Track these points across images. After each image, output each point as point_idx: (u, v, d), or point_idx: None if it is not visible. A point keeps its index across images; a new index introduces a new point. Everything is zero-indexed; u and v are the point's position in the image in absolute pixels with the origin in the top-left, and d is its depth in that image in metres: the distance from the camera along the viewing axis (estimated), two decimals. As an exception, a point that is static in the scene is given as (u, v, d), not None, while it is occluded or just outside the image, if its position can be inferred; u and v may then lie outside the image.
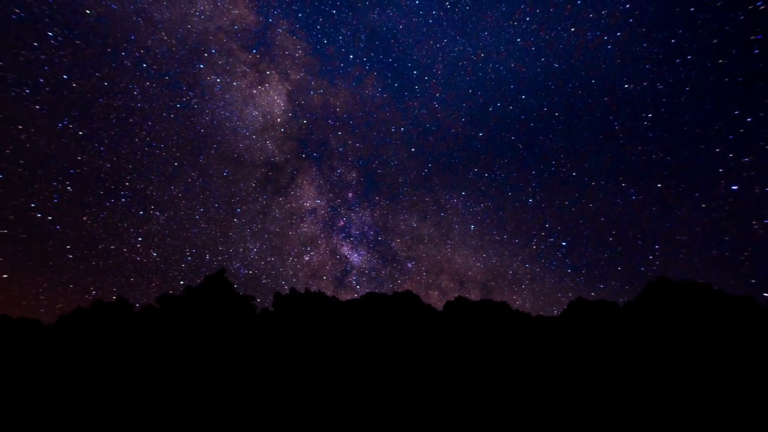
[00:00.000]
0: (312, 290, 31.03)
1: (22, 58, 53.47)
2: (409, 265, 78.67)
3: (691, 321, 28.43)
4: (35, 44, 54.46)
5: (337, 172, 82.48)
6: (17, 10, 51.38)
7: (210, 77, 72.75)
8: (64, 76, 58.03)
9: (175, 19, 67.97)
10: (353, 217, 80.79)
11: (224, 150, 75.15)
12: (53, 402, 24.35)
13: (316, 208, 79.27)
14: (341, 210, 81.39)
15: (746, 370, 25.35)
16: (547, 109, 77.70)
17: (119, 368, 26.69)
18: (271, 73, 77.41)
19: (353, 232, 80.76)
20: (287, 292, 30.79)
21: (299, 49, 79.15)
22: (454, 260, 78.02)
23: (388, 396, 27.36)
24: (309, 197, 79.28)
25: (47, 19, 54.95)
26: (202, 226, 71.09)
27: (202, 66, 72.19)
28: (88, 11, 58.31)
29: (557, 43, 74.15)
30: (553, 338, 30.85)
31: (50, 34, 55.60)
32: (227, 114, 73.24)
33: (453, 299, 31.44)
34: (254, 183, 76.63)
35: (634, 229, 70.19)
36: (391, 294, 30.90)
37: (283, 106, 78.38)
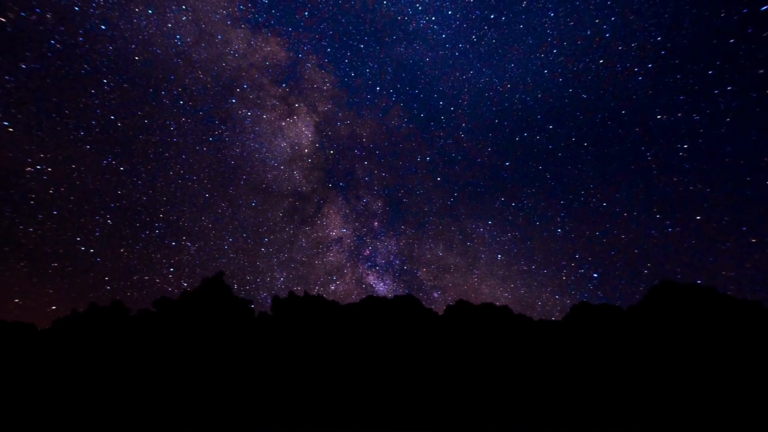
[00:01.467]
0: (311, 293, 30.56)
1: (81, 105, 58.91)
2: (435, 294, 77.56)
3: (696, 324, 28.01)
4: (93, 91, 60.31)
5: (363, 202, 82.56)
6: (86, 66, 58.97)
7: (241, 111, 75.06)
8: (112, 117, 62.81)
9: (212, 58, 71.92)
10: (379, 246, 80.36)
11: (253, 181, 76.78)
12: (50, 404, 23.87)
13: (342, 237, 79.21)
14: (367, 239, 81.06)
15: (751, 372, 24.93)
16: (575, 139, 77.25)
17: (116, 371, 26.21)
18: (299, 106, 79.31)
19: (379, 261, 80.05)
20: (286, 295, 30.32)
21: (327, 82, 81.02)
22: (481, 290, 76.62)
23: (387, 398, 26.89)
24: (335, 226, 79.42)
25: (104, 69, 60.90)
26: (231, 255, 72.21)
27: (234, 101, 74.99)
28: (137, 57, 63.47)
29: (585, 75, 74.09)
30: (555, 342, 30.40)
31: (105, 81, 61.42)
32: (257, 146, 75.45)
33: (454, 303, 30.96)
34: (282, 213, 77.54)
35: (672, 263, 68.30)
36: (391, 297, 30.43)
37: (311, 137, 79.91)
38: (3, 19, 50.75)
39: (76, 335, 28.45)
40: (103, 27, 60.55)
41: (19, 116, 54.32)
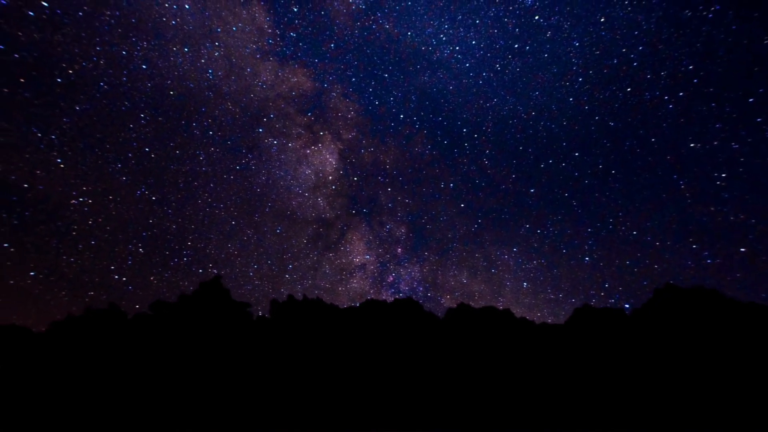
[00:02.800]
0: (310, 297, 30.18)
1: (120, 139, 62.30)
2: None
3: (700, 328, 27.59)
4: (131, 126, 63.63)
5: (387, 228, 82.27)
6: (127, 103, 62.19)
7: (268, 140, 77.32)
8: (146, 149, 65.64)
9: (241, 90, 74.65)
10: (402, 273, 79.89)
11: (278, 208, 77.82)
12: (46, 408, 23.43)
13: (365, 264, 79.25)
14: (390, 265, 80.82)
15: (755, 376, 24.49)
16: (602, 167, 75.99)
17: (112, 375, 25.78)
18: (324, 134, 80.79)
19: (402, 287, 79.37)
20: (285, 298, 29.93)
21: (351, 110, 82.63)
22: (504, 317, 76.84)
23: (387, 401, 26.43)
24: (358, 253, 79.60)
25: (142, 104, 64.15)
26: (256, 282, 73.20)
27: (261, 130, 77.40)
28: (171, 92, 66.92)
29: (612, 103, 73.38)
30: (557, 345, 29.96)
31: (142, 115, 64.62)
32: (282, 173, 77.04)
33: (455, 306, 30.54)
34: (306, 239, 78.03)
35: (708, 292, 67.56)
36: (391, 301, 30.04)
37: (335, 164, 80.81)
38: (70, 71, 55.90)
39: (72, 339, 28.04)
40: (144, 67, 64.32)
41: (69, 153, 57.79)
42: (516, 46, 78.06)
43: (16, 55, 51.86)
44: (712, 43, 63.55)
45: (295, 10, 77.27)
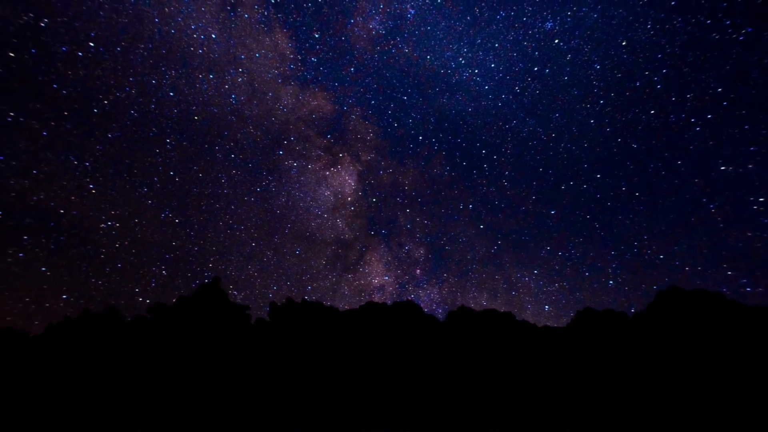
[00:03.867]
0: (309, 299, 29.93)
1: (147, 164, 65.15)
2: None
3: (704, 331, 27.29)
4: (157, 151, 66.63)
5: (405, 249, 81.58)
6: (154, 129, 65.58)
7: (288, 162, 78.59)
8: (171, 173, 67.94)
9: (262, 114, 76.58)
10: (421, 294, 79.38)
11: (297, 229, 78.49)
12: (42, 412, 23.22)
13: (384, 285, 78.89)
14: (409, 287, 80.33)
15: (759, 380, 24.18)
16: (625, 189, 73.46)
17: (109, 379, 25.57)
18: (343, 156, 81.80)
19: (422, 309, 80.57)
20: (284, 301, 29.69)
21: (371, 132, 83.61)
22: (524, 338, 76.84)
23: (386, 405, 26.19)
24: (377, 274, 79.31)
25: (168, 130, 67.49)
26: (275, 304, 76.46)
27: (281, 152, 78.76)
28: (196, 117, 69.76)
29: (635, 125, 72.22)
30: (559, 348, 29.68)
31: (168, 140, 67.79)
32: (301, 195, 77.98)
33: (456, 309, 30.27)
34: (324, 260, 78.12)
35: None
36: (391, 304, 29.76)
37: (354, 185, 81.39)
38: (106, 102, 59.87)
39: (68, 342, 27.83)
40: (171, 94, 67.92)
41: (101, 179, 60.92)
42: (535, 68, 77.81)
43: (65, 92, 56.75)
44: (744, 65, 61.83)
45: (317, 36, 79.29)
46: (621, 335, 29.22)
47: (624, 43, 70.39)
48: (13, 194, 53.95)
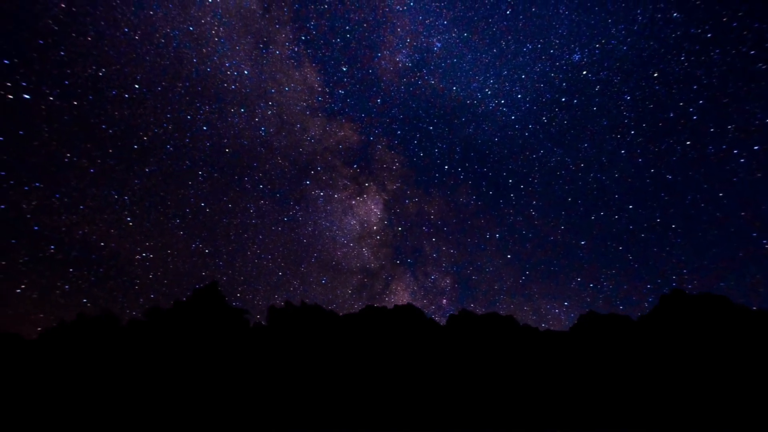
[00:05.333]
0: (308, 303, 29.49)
1: (180, 196, 67.49)
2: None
3: (708, 335, 26.89)
4: (189, 183, 68.77)
5: (431, 279, 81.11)
6: (188, 162, 67.57)
7: (314, 191, 79.70)
8: (202, 204, 70.10)
9: (290, 145, 78.82)
10: None
11: (324, 258, 78.87)
12: (37, 415, 22.72)
13: None
14: (436, 317, 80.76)
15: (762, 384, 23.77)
16: (660, 221, 71.28)
17: (105, 384, 25.08)
18: (369, 185, 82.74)
19: None
20: (282, 305, 29.25)
21: (396, 161, 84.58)
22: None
23: (386, 409, 25.72)
24: (403, 303, 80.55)
25: (201, 162, 69.53)
26: None
27: (308, 182, 79.97)
28: (227, 150, 71.86)
29: (669, 156, 70.03)
30: (562, 352, 29.25)
31: (200, 173, 69.66)
32: (328, 224, 78.45)
33: (457, 313, 29.85)
34: (350, 290, 78.33)
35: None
36: (391, 307, 29.35)
37: (380, 214, 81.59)
38: (145, 137, 62.61)
39: (64, 346, 27.34)
40: (204, 128, 70.53)
41: (137, 211, 62.78)
42: (563, 99, 76.96)
43: (111, 131, 60.54)
44: (793, 94, 59.39)
45: (344, 69, 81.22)
46: (624, 338, 28.82)
47: (656, 75, 68.75)
48: (64, 229, 56.42)
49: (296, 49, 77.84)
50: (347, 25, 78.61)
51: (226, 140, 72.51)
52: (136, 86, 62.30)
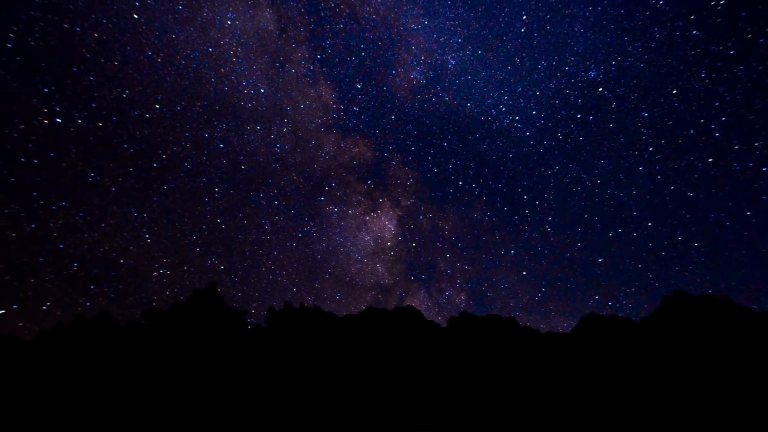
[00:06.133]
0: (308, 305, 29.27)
1: (196, 212, 68.37)
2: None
3: (711, 337, 26.63)
4: (206, 199, 69.55)
5: (446, 295, 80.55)
6: (204, 179, 68.41)
7: (329, 207, 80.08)
8: (218, 220, 70.72)
9: (305, 161, 79.86)
10: None
11: (338, 274, 78.78)
12: (34, 416, 22.46)
13: None
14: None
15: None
16: (682, 239, 69.65)
17: (103, 385, 24.83)
18: (383, 201, 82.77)
19: None
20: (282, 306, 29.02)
21: (410, 177, 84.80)
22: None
23: (386, 413, 25.42)
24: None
25: (217, 179, 70.56)
26: None
27: (322, 198, 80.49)
28: (243, 167, 72.88)
29: (689, 173, 68.67)
30: (564, 354, 28.98)
31: (216, 190, 70.81)
32: (342, 240, 78.57)
33: (458, 316, 29.60)
34: (364, 306, 79.45)
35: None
36: (392, 309, 29.10)
37: (394, 230, 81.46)
38: (164, 156, 63.83)
39: (61, 348, 27.11)
40: (221, 146, 71.53)
41: (156, 228, 64.05)
42: (579, 116, 76.64)
43: (132, 150, 62.27)
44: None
45: (359, 86, 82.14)
46: (626, 341, 28.56)
47: (674, 92, 67.62)
48: (86, 246, 57.93)
49: (312, 68, 79.24)
50: (362, 44, 79.54)
51: (242, 157, 73.79)
52: (157, 106, 64.37)
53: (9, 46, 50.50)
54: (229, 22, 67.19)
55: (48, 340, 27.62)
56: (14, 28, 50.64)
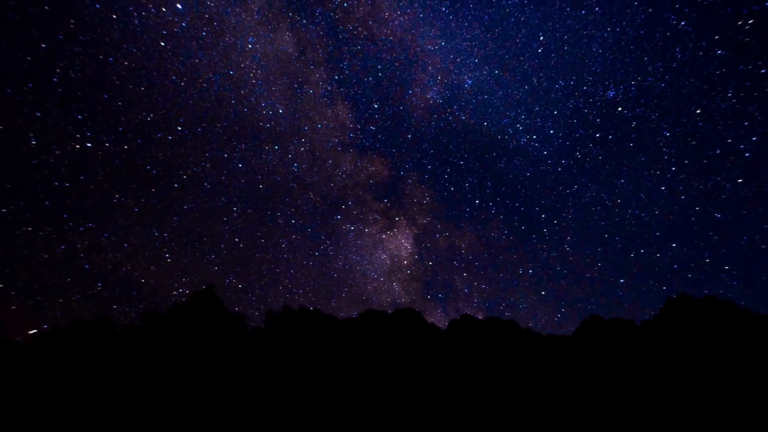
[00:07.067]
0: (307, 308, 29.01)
1: (215, 232, 69.59)
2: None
3: (715, 340, 26.42)
4: (224, 219, 70.87)
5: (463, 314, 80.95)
6: (223, 198, 70.32)
7: (345, 226, 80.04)
8: (236, 239, 71.52)
9: (322, 180, 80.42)
10: None
11: (354, 293, 78.93)
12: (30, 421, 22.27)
13: None
14: None
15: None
16: (710, 261, 66.97)
17: (99, 390, 24.63)
18: (399, 219, 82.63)
19: None
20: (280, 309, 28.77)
21: (427, 196, 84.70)
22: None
23: (385, 413, 25.27)
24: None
25: (236, 199, 72.13)
26: None
27: (339, 217, 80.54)
28: (261, 186, 74.02)
29: (716, 193, 66.24)
30: (565, 357, 28.79)
31: (234, 209, 71.89)
32: (358, 258, 78.76)
33: (458, 318, 29.36)
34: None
35: None
36: (391, 311, 28.86)
37: (410, 248, 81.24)
38: (184, 176, 65.64)
39: (57, 351, 26.88)
40: (240, 165, 73.33)
41: (176, 248, 65.14)
42: (597, 135, 75.50)
43: (154, 171, 64.05)
44: None
45: (376, 106, 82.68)
46: (628, 344, 28.36)
47: (698, 111, 66.14)
48: (110, 267, 59.18)
49: (329, 88, 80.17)
50: (379, 65, 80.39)
51: (260, 176, 75.04)
52: (179, 128, 66.80)
53: (55, 80, 54.83)
54: (249, 46, 69.60)
55: (44, 343, 27.38)
56: (61, 63, 54.88)
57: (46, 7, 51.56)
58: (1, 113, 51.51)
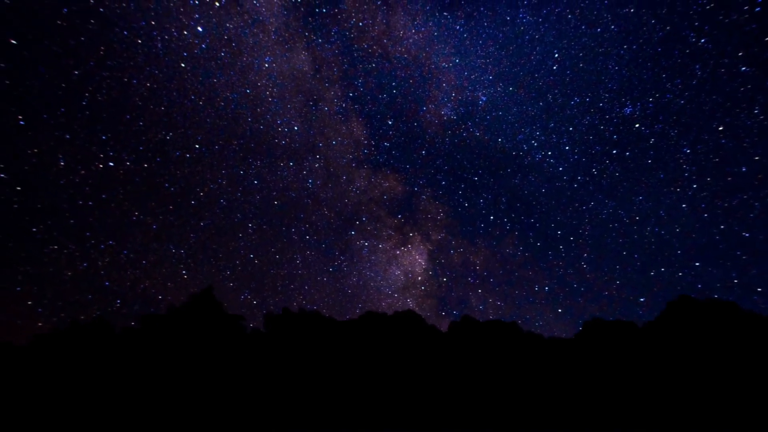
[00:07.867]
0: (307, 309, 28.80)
1: (230, 248, 69.89)
2: None
3: (717, 342, 26.20)
4: (240, 235, 72.01)
5: None
6: (239, 215, 70.94)
7: (359, 241, 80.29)
8: (251, 255, 72.10)
9: (336, 196, 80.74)
10: None
11: (368, 309, 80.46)
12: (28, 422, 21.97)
13: None
14: None
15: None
16: (739, 281, 64.24)
17: (96, 392, 24.35)
18: (413, 235, 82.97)
19: None
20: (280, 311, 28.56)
21: (441, 212, 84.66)
22: None
23: (385, 415, 24.97)
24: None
25: (251, 215, 72.69)
26: None
27: (353, 232, 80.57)
28: (275, 202, 75.38)
29: (742, 211, 64.13)
30: (567, 359, 28.54)
31: (250, 225, 72.64)
32: (372, 274, 79.00)
33: (459, 321, 29.14)
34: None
35: None
36: (391, 314, 28.66)
37: (424, 264, 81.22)
38: (201, 193, 67.60)
39: (55, 353, 26.63)
40: (255, 182, 74.50)
41: (192, 264, 66.23)
42: (614, 151, 74.62)
43: (172, 189, 65.46)
44: None
45: (390, 122, 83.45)
46: (630, 346, 28.13)
47: (721, 128, 64.51)
48: (128, 283, 60.06)
49: (344, 105, 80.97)
50: (393, 82, 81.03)
51: (275, 193, 76.16)
52: (197, 146, 68.52)
53: (84, 104, 57.69)
54: (266, 65, 71.50)
55: (41, 345, 27.15)
56: (90, 88, 57.79)
57: (82, 38, 55.17)
58: (37, 137, 53.44)
